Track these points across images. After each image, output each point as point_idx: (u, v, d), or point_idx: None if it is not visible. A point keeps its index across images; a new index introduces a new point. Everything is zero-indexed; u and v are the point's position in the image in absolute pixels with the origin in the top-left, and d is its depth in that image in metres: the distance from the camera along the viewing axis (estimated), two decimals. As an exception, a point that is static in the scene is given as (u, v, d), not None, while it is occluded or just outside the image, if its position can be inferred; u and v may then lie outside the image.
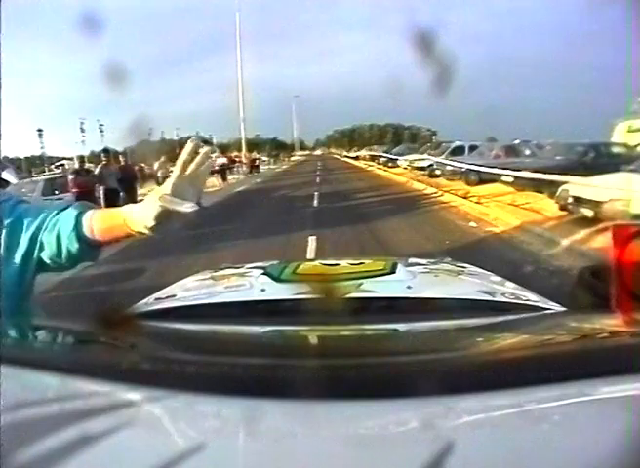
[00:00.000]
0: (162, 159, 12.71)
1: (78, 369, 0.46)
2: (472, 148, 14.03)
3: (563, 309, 0.98)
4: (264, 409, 0.39)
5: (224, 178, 18.07)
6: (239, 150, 34.19)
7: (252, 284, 1.11)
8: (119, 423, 0.37)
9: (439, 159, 13.59)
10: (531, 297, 1.06)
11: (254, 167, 25.17)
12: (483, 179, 10.53)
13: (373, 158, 27.93)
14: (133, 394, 0.42)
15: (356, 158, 36.46)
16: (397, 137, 77.59)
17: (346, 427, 0.38)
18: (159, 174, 11.82)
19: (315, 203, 10.25)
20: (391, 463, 0.33)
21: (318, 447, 0.36)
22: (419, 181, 13.58)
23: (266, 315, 0.97)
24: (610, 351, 0.48)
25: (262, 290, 1.03)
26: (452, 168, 12.00)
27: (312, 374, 0.42)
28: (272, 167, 33.11)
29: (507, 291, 1.09)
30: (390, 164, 20.49)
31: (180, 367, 0.45)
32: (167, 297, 1.11)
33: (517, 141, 14.36)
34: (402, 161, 18.44)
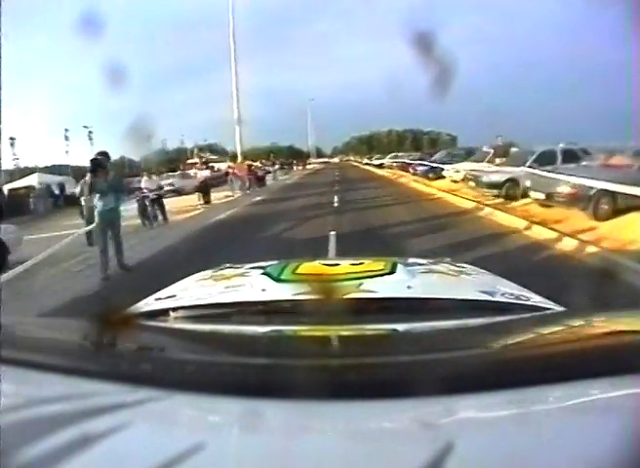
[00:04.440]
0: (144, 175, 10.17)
1: (78, 369, 0.46)
2: (569, 154, 9.17)
3: (563, 309, 0.98)
4: (264, 409, 0.39)
5: (206, 199, 12.63)
6: (253, 159, 27.49)
7: (252, 284, 1.10)
8: (119, 423, 0.37)
9: (530, 169, 7.99)
10: (531, 297, 1.06)
11: (258, 179, 19.27)
12: (620, 209, 5.86)
13: (404, 167, 21.26)
14: (133, 394, 0.42)
15: (380, 166, 30.11)
16: (416, 143, 75.91)
17: (346, 427, 0.38)
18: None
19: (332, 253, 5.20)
20: (391, 463, 0.33)
21: (318, 446, 0.36)
22: (501, 209, 7.88)
23: (267, 315, 0.97)
24: (610, 351, 0.48)
25: (263, 290, 1.03)
26: (560, 188, 6.59)
27: (312, 375, 0.42)
28: (282, 177, 26.85)
29: (507, 291, 1.09)
30: (431, 175, 15.25)
31: (180, 367, 0.45)
32: (167, 297, 1.11)
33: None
34: (451, 171, 13.01)
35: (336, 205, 10.88)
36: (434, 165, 15.30)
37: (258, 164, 22.41)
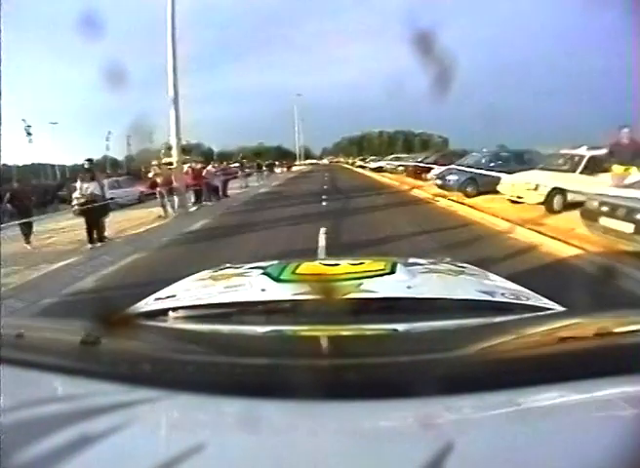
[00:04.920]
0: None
1: (78, 369, 0.46)
2: None
3: (563, 309, 0.98)
4: (264, 409, 0.39)
5: (94, 235, 6.78)
6: (240, 159, 22.23)
7: (252, 284, 1.10)
8: (119, 423, 0.37)
9: None
10: (531, 297, 1.06)
11: (212, 191, 12.88)
12: None
13: (416, 172, 15.29)
14: (133, 394, 0.42)
15: (378, 170, 24.41)
16: (408, 144, 74.97)
17: (346, 427, 0.38)
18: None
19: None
20: (391, 463, 0.33)
21: (318, 446, 0.36)
22: None
23: (266, 315, 0.97)
24: (610, 351, 0.48)
25: (262, 290, 1.03)
26: None
27: (312, 375, 0.42)
28: (256, 184, 19.29)
29: (507, 291, 1.09)
30: (470, 189, 9.97)
31: (180, 367, 0.45)
32: (167, 297, 1.11)
33: None
34: (520, 186, 7.66)
35: (323, 237, 5.88)
36: (477, 171, 9.71)
37: (210, 168, 13.80)
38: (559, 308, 0.98)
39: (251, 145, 70.80)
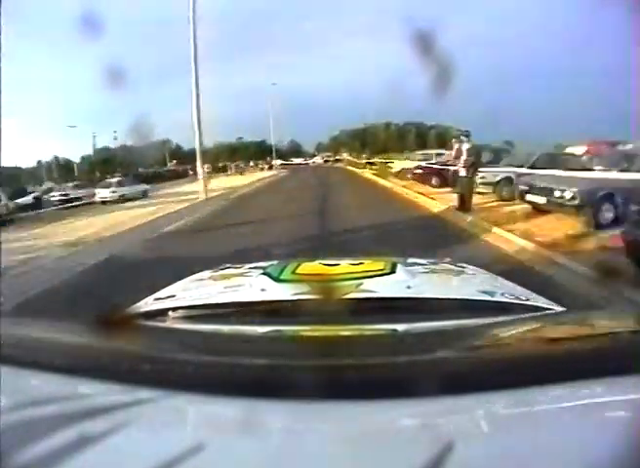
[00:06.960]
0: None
1: (78, 369, 0.46)
2: None
3: (563, 309, 0.98)
4: (264, 409, 0.39)
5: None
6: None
7: (252, 284, 1.10)
8: (119, 423, 0.37)
9: None
10: (531, 297, 1.06)
11: None
12: None
13: None
14: (133, 394, 0.42)
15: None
16: (421, 138, 62.83)
17: (346, 427, 0.38)
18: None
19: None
20: (391, 462, 0.33)
21: (318, 446, 0.36)
22: None
23: (266, 315, 0.97)
24: (610, 351, 0.48)
25: (262, 290, 1.03)
26: None
27: (312, 375, 0.42)
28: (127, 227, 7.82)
29: (507, 291, 1.09)
30: None
31: (180, 367, 0.45)
32: (167, 297, 1.11)
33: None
34: None
35: None
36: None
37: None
38: (558, 308, 0.98)
39: (229, 141, 62.80)
